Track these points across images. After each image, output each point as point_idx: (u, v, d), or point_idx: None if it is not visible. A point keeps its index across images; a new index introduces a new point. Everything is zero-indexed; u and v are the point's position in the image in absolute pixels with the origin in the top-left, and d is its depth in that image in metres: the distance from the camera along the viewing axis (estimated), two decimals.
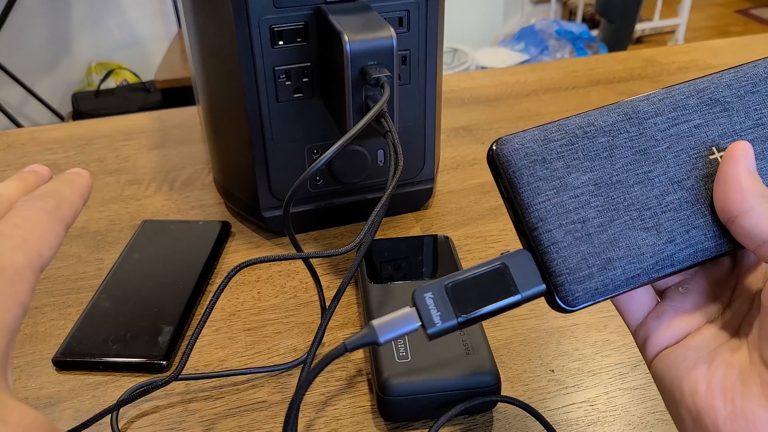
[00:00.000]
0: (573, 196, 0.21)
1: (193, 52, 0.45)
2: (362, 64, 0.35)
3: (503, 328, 0.38)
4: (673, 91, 0.23)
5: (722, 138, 0.22)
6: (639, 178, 0.22)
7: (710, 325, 0.23)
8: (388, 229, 0.47)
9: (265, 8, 0.37)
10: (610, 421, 0.32)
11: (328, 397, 0.34)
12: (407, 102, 0.43)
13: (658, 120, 0.22)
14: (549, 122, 0.22)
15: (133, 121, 0.63)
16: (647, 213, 0.22)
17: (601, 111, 0.22)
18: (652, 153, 0.22)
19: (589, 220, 0.21)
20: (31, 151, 0.58)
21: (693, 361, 0.22)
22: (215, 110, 0.45)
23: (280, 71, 0.39)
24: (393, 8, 0.39)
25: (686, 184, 0.22)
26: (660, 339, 0.23)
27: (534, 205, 0.21)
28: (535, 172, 0.22)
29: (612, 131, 0.22)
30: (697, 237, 0.22)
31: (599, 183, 0.22)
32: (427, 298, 0.21)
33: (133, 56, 1.79)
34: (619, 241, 0.21)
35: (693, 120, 0.22)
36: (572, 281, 0.21)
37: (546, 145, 0.22)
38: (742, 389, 0.20)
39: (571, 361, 0.36)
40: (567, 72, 0.72)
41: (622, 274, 0.21)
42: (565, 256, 0.21)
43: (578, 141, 0.22)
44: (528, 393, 0.34)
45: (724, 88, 0.23)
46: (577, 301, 0.21)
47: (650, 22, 2.16)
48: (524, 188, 0.21)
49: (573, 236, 0.21)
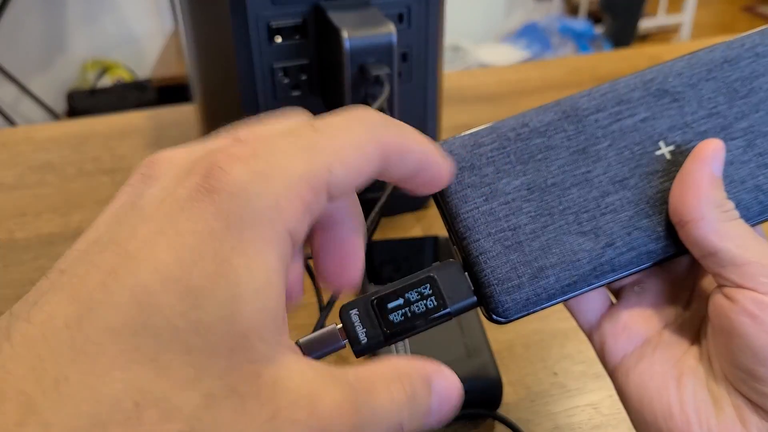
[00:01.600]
0: (503, 203, 0.21)
1: (189, 49, 0.44)
2: (362, 61, 0.35)
3: (505, 331, 0.37)
4: (618, 84, 0.21)
5: (671, 131, 0.21)
6: (576, 180, 0.21)
7: (669, 330, 0.22)
8: (388, 229, 0.46)
9: (263, 4, 0.37)
10: (614, 425, 0.32)
11: None
12: (407, 100, 0.42)
13: (599, 116, 0.21)
14: (484, 125, 0.21)
15: (129, 119, 0.62)
16: (584, 216, 0.20)
17: (537, 110, 0.21)
18: (591, 152, 0.21)
19: (521, 227, 0.20)
20: (26, 150, 0.57)
21: (661, 377, 0.21)
22: (212, 108, 0.44)
23: (278, 68, 0.39)
24: (393, 4, 0.39)
25: (629, 183, 0.21)
26: (618, 345, 0.22)
27: (461, 214, 0.21)
28: (463, 180, 0.21)
29: (548, 131, 0.21)
30: (641, 239, 0.20)
31: (532, 187, 0.21)
32: (353, 314, 0.20)
33: (128, 54, 1.78)
34: (553, 248, 0.20)
35: (638, 114, 0.21)
36: (501, 292, 0.20)
37: (475, 151, 0.21)
38: (716, 412, 0.20)
39: (575, 364, 0.35)
40: (570, 69, 0.72)
41: (555, 283, 0.20)
42: (494, 266, 0.20)
43: (510, 144, 0.21)
44: (530, 396, 0.33)
45: (675, 77, 0.21)
46: (508, 312, 0.20)
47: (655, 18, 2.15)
48: (452, 197, 0.21)
49: (502, 245, 0.20)
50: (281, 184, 0.13)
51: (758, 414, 0.19)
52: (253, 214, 0.13)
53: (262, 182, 0.13)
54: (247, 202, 0.13)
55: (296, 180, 0.13)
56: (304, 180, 0.13)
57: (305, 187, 0.13)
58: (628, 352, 0.22)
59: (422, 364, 0.16)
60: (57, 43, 1.73)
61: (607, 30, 1.95)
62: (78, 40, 1.75)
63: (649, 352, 0.22)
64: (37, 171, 0.53)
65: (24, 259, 0.43)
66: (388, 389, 0.14)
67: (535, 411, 0.33)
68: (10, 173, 0.53)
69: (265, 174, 0.13)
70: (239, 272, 0.12)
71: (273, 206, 0.13)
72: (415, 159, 0.16)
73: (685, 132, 0.21)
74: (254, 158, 0.13)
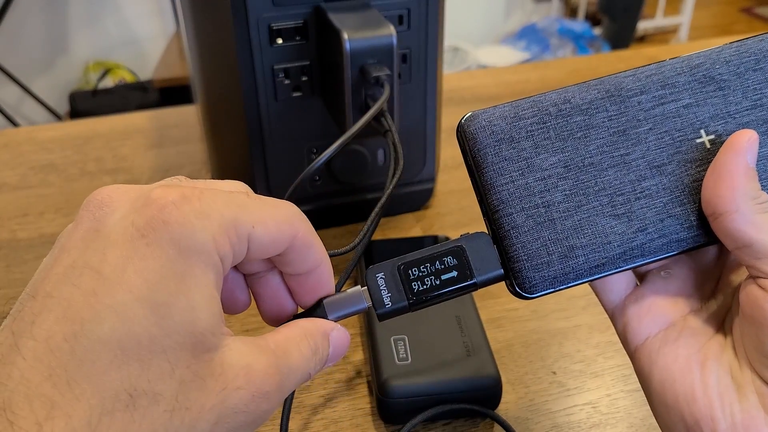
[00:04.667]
0: (539, 179, 0.20)
1: (191, 50, 0.44)
2: (362, 62, 0.35)
3: (504, 330, 0.38)
4: (664, 67, 0.21)
5: (713, 120, 0.21)
6: (614, 161, 0.20)
7: (694, 316, 0.22)
8: (389, 229, 0.46)
9: (264, 6, 0.37)
10: (612, 424, 0.32)
11: (327, 399, 0.34)
12: (407, 101, 0.43)
13: (642, 98, 0.21)
14: (525, 97, 0.21)
15: (131, 120, 0.63)
16: (619, 199, 0.20)
17: (581, 87, 0.21)
18: (632, 134, 0.20)
19: (554, 205, 0.20)
20: (28, 151, 0.57)
21: (685, 360, 0.21)
22: (213, 109, 0.44)
23: (278, 70, 0.39)
24: (393, 6, 0.39)
25: (666, 169, 0.20)
26: (641, 326, 0.22)
27: (497, 186, 0.20)
28: (501, 152, 0.20)
29: (590, 110, 0.21)
30: (672, 227, 0.20)
31: (570, 165, 0.20)
32: (378, 278, 0.20)
33: (130, 55, 1.78)
34: (585, 228, 0.20)
35: (682, 99, 0.21)
36: (530, 268, 0.20)
37: (515, 123, 0.21)
38: (740, 398, 0.20)
39: (574, 363, 0.35)
40: (569, 71, 0.72)
41: (584, 263, 0.20)
42: (525, 241, 0.20)
43: (551, 119, 0.20)
44: (529, 395, 0.34)
45: (722, 64, 0.21)
46: (535, 288, 0.20)
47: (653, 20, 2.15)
48: (488, 168, 0.20)
49: (535, 221, 0.20)
50: (217, 224, 0.17)
51: None
52: (197, 243, 0.16)
53: (204, 220, 0.16)
54: (193, 234, 0.16)
55: (228, 222, 0.17)
56: (233, 225, 0.17)
57: (233, 231, 0.17)
58: (651, 334, 0.22)
59: (321, 323, 0.20)
60: (59, 44, 1.73)
61: (605, 31, 1.96)
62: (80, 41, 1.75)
63: (674, 336, 0.22)
64: (39, 171, 0.54)
65: (26, 258, 0.44)
66: (299, 348, 0.18)
67: (534, 410, 0.33)
68: (12, 173, 0.54)
69: (206, 214, 0.17)
70: (192, 289, 0.16)
71: (210, 239, 0.16)
72: (315, 258, 0.20)
73: (727, 122, 0.21)
74: (199, 201, 0.17)
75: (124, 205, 0.17)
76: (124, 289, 0.15)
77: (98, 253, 0.16)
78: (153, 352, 0.15)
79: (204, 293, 0.16)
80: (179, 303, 0.16)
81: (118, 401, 0.15)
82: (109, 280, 0.15)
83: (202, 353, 0.16)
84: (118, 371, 0.15)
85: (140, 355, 0.15)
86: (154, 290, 0.15)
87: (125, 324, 0.15)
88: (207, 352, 0.16)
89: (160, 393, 0.15)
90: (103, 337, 0.15)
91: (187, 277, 0.16)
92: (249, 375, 0.17)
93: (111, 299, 0.15)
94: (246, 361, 0.17)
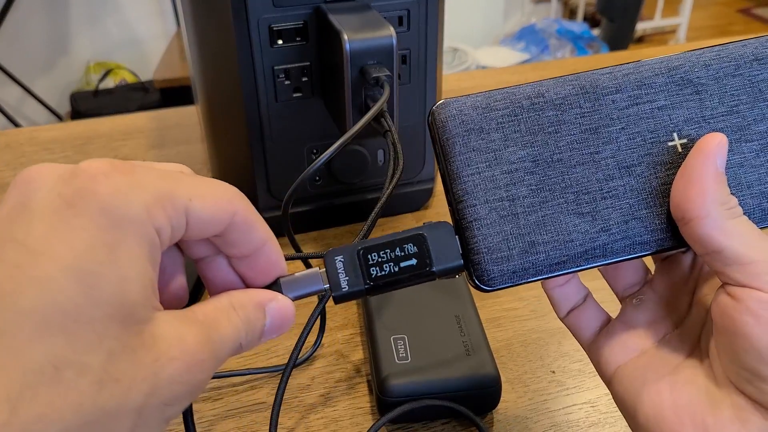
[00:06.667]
0: (506, 172, 0.20)
1: (191, 51, 0.45)
2: (362, 63, 0.35)
3: (504, 329, 0.38)
4: (642, 67, 0.21)
5: (687, 124, 0.20)
6: (583, 159, 0.20)
7: (667, 341, 0.22)
8: (388, 229, 0.46)
9: (265, 7, 0.37)
10: (611, 423, 0.32)
11: (327, 399, 0.34)
12: (407, 101, 0.43)
13: (617, 97, 0.20)
14: (499, 88, 0.21)
15: (132, 120, 0.63)
16: (585, 197, 0.20)
17: (556, 81, 0.21)
18: (603, 133, 0.20)
19: (519, 199, 0.20)
20: (29, 151, 0.57)
21: (654, 382, 0.21)
22: (214, 110, 0.45)
23: (279, 70, 0.39)
24: (393, 7, 0.39)
25: (635, 170, 0.20)
26: (612, 356, 0.22)
27: (462, 177, 0.20)
28: (469, 142, 0.20)
29: (563, 105, 0.20)
30: (637, 229, 0.20)
31: (538, 160, 0.20)
32: (337, 261, 0.20)
33: (131, 56, 1.79)
34: (548, 225, 0.20)
35: (657, 101, 0.20)
36: (490, 261, 0.20)
37: (486, 114, 0.20)
38: (713, 412, 0.19)
39: (573, 362, 0.36)
40: (568, 71, 0.72)
41: (545, 260, 0.20)
42: (486, 234, 0.20)
43: (523, 113, 0.20)
44: (528, 394, 0.34)
45: (701, 68, 0.20)
46: (493, 281, 0.20)
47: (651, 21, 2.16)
48: (455, 157, 0.20)
49: (498, 214, 0.20)
50: (150, 195, 0.16)
51: (761, 413, 0.19)
52: (129, 213, 0.16)
53: (137, 191, 0.16)
54: (126, 204, 0.16)
55: (163, 194, 0.17)
56: (168, 197, 0.17)
57: (168, 203, 0.17)
58: (622, 363, 0.22)
59: (256, 293, 0.19)
60: (60, 45, 1.73)
61: (604, 32, 1.96)
62: (81, 42, 1.75)
63: (643, 363, 0.22)
64: None
65: None
66: (228, 318, 0.18)
67: (533, 409, 0.33)
68: (14, 174, 0.54)
69: (139, 184, 0.16)
70: (123, 260, 0.15)
71: (144, 209, 0.16)
72: (259, 237, 0.19)
73: (701, 126, 0.20)
74: (131, 174, 0.16)
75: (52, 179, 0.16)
76: (49, 260, 0.15)
77: (23, 227, 0.15)
78: (79, 322, 0.15)
79: (136, 265, 0.16)
80: (109, 273, 0.15)
81: (42, 374, 0.14)
82: (33, 252, 0.15)
83: (132, 325, 0.15)
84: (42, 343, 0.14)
85: (65, 326, 0.14)
86: (82, 259, 0.15)
87: (49, 294, 0.14)
88: (137, 324, 0.16)
89: (87, 364, 0.15)
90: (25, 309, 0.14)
91: (119, 248, 0.15)
92: (182, 345, 0.16)
93: (35, 271, 0.15)
94: (178, 333, 0.16)
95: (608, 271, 0.24)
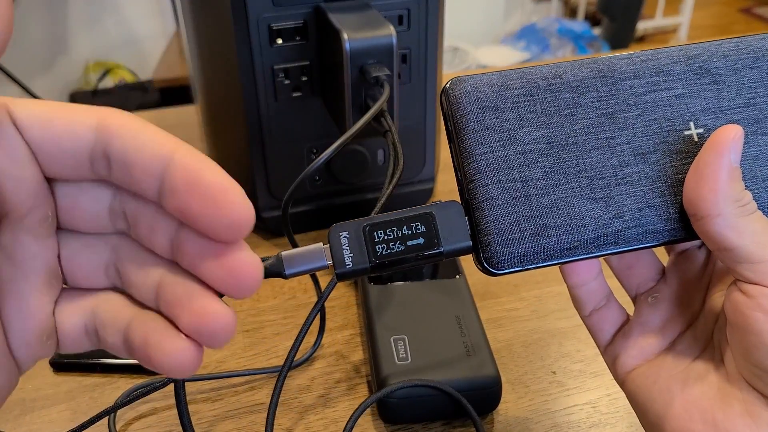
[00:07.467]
0: (520, 152, 0.20)
1: (191, 50, 0.45)
2: (362, 62, 0.35)
3: (504, 329, 0.38)
4: (660, 54, 0.20)
5: (704, 113, 0.20)
6: (598, 144, 0.20)
7: (681, 339, 0.22)
8: None
9: (264, 6, 0.37)
10: (612, 423, 0.32)
11: (327, 399, 0.34)
12: (407, 101, 0.43)
13: (635, 83, 0.20)
14: (515, 68, 0.20)
15: None
16: (599, 182, 0.20)
17: (573, 64, 0.20)
18: (620, 118, 0.20)
19: (532, 181, 0.20)
20: None
21: (666, 380, 0.21)
22: (213, 109, 0.45)
23: (278, 70, 0.39)
24: (393, 6, 0.39)
25: (651, 158, 0.20)
26: (629, 358, 0.22)
27: (475, 155, 0.20)
28: (484, 120, 0.20)
29: (580, 88, 0.20)
30: (650, 217, 0.20)
31: (552, 142, 0.20)
32: (342, 237, 0.19)
33: (130, 55, 1.78)
34: (561, 208, 0.19)
35: (675, 88, 0.20)
36: (500, 243, 0.19)
37: (502, 93, 0.20)
38: (723, 408, 0.19)
39: (573, 363, 0.35)
40: None
41: (556, 244, 0.19)
42: (498, 214, 0.19)
43: (539, 93, 0.20)
44: (529, 395, 0.34)
45: (720, 58, 0.20)
46: (503, 264, 0.19)
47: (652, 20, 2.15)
48: (469, 135, 0.20)
49: (510, 195, 0.19)
50: None
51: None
52: None
53: None
54: None
55: None
56: None
57: None
58: (637, 364, 0.22)
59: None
60: (59, 44, 1.73)
61: (605, 32, 1.96)
62: (80, 41, 1.75)
63: (657, 362, 0.22)
64: None
65: None
66: None
67: (534, 409, 0.33)
68: None
69: None
70: None
71: None
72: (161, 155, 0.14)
73: (717, 117, 0.20)
74: None
75: None
76: None
77: None
78: None
79: None
80: None
81: None
82: None
83: None
84: None
85: None
86: None
87: None
88: None
89: None
90: None
91: None
92: None
93: None
94: None
95: (623, 268, 0.24)
